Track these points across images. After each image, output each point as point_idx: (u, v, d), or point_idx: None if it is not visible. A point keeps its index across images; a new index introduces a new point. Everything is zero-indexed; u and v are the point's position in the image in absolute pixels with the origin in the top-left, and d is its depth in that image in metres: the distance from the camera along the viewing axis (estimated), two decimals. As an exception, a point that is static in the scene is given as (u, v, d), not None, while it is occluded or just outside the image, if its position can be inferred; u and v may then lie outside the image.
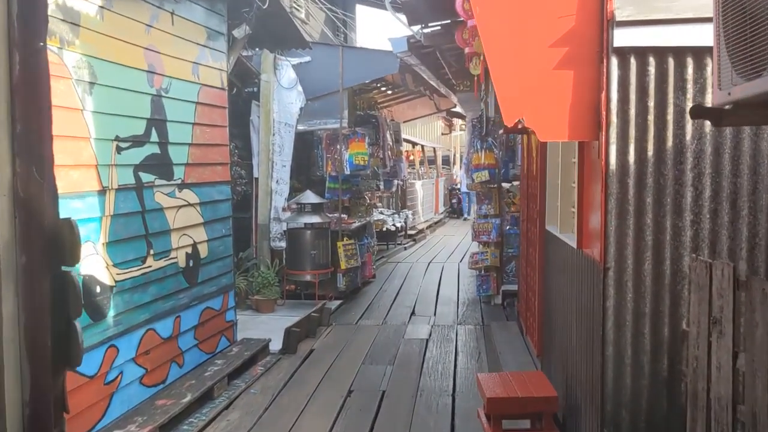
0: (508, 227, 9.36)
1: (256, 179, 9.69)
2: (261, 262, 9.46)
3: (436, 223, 20.88)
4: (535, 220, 6.17)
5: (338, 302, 9.43)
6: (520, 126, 3.85)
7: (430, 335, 7.79)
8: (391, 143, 13.34)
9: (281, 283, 9.27)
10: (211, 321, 6.34)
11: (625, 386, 3.69)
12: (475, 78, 7.77)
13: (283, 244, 9.54)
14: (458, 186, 25.88)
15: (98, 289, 4.66)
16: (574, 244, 4.36)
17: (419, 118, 17.79)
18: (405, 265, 13.34)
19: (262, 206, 9.63)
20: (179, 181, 5.80)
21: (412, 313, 9.01)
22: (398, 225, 14.67)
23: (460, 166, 13.22)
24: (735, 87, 1.99)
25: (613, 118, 3.57)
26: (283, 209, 9.70)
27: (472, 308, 9.19)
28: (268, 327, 7.94)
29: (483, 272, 9.33)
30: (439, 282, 11.35)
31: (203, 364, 6.08)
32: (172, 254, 5.68)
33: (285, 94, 9.68)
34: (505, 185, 9.28)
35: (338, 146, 10.00)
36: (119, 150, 4.96)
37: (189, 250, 5.96)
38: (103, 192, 4.75)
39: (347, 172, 9.98)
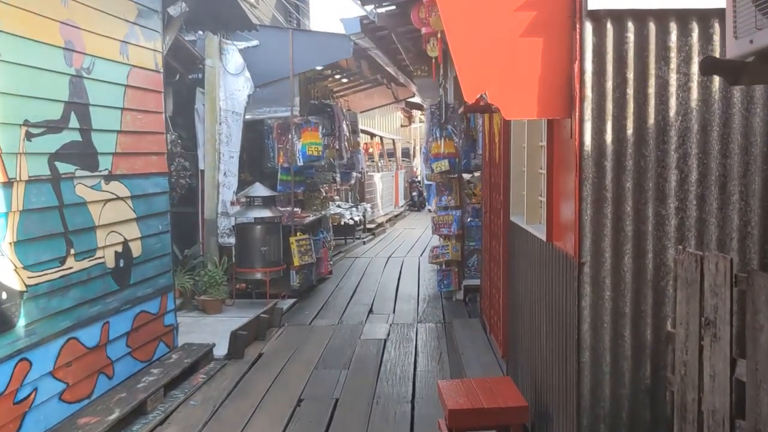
0: (469, 219, 8.94)
1: (202, 171, 9.08)
2: (208, 260, 8.87)
3: (396, 216, 20.44)
4: (498, 211, 5.74)
5: (291, 301, 8.90)
6: (482, 103, 3.40)
7: (388, 335, 7.33)
8: (347, 134, 12.79)
9: (230, 282, 8.71)
10: (146, 326, 5.76)
11: (604, 396, 3.26)
12: (433, 61, 7.33)
13: (232, 240, 8.97)
14: (418, 178, 25.52)
15: (3, 296, 4.06)
16: (543, 237, 3.92)
17: (377, 108, 17.31)
18: (364, 260, 12.85)
19: (209, 200, 9.04)
20: (106, 172, 5.21)
21: (370, 311, 8.53)
22: (356, 219, 14.17)
23: (420, 158, 12.75)
24: (760, 32, 1.54)
25: (588, 92, 3.13)
26: (232, 203, 9.11)
27: (433, 305, 8.75)
28: (214, 330, 7.37)
29: (444, 267, 8.89)
30: (398, 277, 10.89)
31: (137, 375, 5.50)
32: (99, 254, 5.09)
33: (231, 80, 9.08)
34: (466, 176, 8.85)
35: (290, 136, 9.45)
36: (29, 137, 4.35)
37: (119, 248, 5.37)
38: (8, 184, 4.14)
39: (300, 163, 9.43)
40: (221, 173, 9.07)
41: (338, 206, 14.11)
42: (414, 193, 24.24)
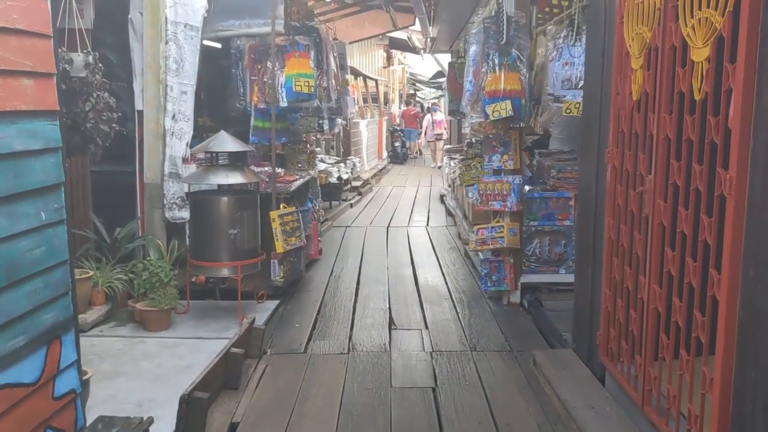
0: (528, 189, 6.24)
1: (140, 113, 6.15)
2: (150, 244, 6.02)
3: (380, 170, 17.66)
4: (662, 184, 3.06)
5: (274, 304, 6.14)
6: None
7: (435, 377, 4.64)
8: (335, 69, 9.83)
9: (183, 275, 5.91)
10: (15, 410, 2.96)
11: None
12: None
13: (185, 214, 6.13)
14: (400, 127, 22.70)
15: None
16: None
17: (370, 38, 14.28)
18: (357, 231, 10.08)
19: (151, 156, 6.14)
20: None
21: (390, 322, 5.82)
22: (345, 176, 11.35)
23: (465, 98, 9.65)
24: None
25: None
26: (185, 161, 6.23)
27: (479, 312, 6.07)
28: (155, 371, 4.62)
29: (492, 255, 6.19)
30: (411, 259, 8.18)
31: None
32: None
33: (183, -23, 6.10)
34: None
35: (269, 64, 6.52)
36: None
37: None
38: None
39: (283, 103, 6.54)
40: (169, 116, 6.15)
41: (322, 161, 11.27)
42: (396, 144, 21.44)
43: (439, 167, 17.52)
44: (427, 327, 5.67)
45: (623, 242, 3.79)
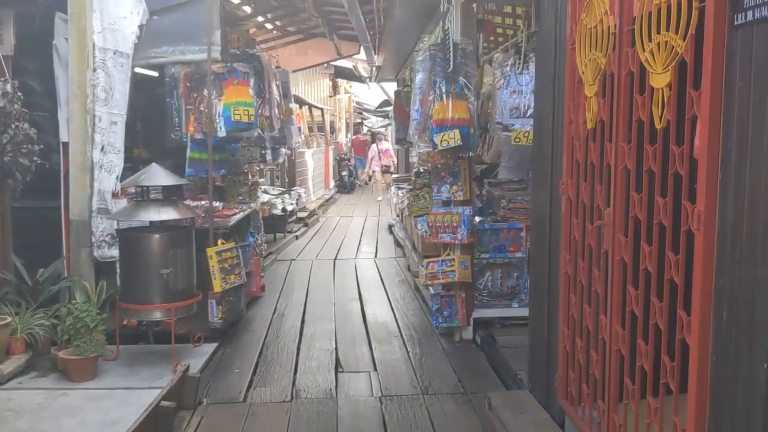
0: (478, 220, 6.03)
1: (66, 144, 5.74)
2: (76, 286, 5.57)
3: (327, 201, 17.34)
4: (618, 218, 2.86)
5: (212, 347, 5.74)
6: None
7: (384, 425, 4.32)
8: (278, 98, 9.54)
9: (112, 318, 5.47)
10: None
11: None
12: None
13: (115, 252, 5.69)
14: (347, 156, 22.50)
15: None
16: None
17: (314, 66, 14.05)
18: (302, 264, 9.73)
19: (78, 190, 5.70)
20: None
21: (337, 364, 5.48)
22: (290, 208, 11.01)
23: (411, 127, 9.41)
24: None
25: None
26: (114, 195, 5.81)
27: (431, 350, 5.79)
28: (76, 429, 4.17)
29: (443, 290, 5.95)
30: (359, 294, 7.87)
31: None
32: None
33: (113, 0, 5.75)
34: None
35: (206, 92, 6.20)
36: None
37: None
38: None
39: (222, 133, 6.21)
40: (97, 148, 5.75)
41: (265, 192, 10.90)
42: (344, 173, 21.20)
43: (380, 200, 17.17)
44: (376, 369, 5.35)
45: (581, 278, 3.58)
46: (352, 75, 20.39)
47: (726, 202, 2.34)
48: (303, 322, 6.70)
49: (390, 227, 12.72)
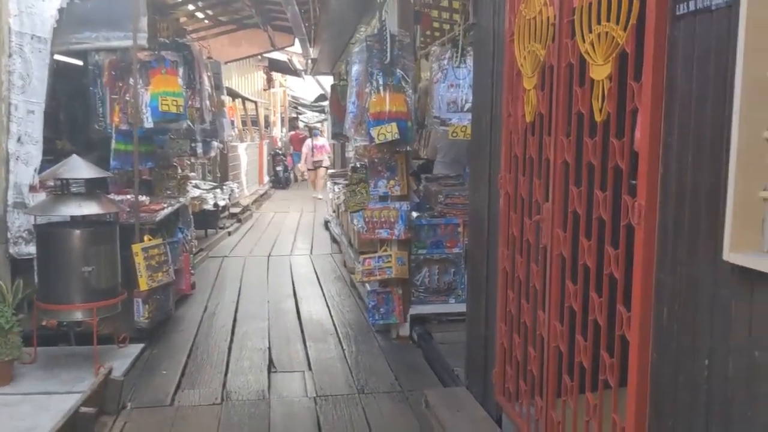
0: (415, 215, 5.96)
1: (-23, 135, 5.37)
2: (-10, 285, 5.22)
3: (261, 196, 17.03)
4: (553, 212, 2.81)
5: (138, 348, 5.49)
6: None
7: (319, 426, 4.18)
8: (209, 89, 9.25)
9: (30, 319, 5.14)
10: None
11: None
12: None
13: (32, 249, 5.37)
14: (282, 150, 22.19)
15: None
16: None
17: (248, 58, 13.71)
18: (235, 261, 9.47)
19: (-9, 183, 5.36)
20: None
21: (270, 363, 5.31)
22: (222, 203, 10.71)
23: (348, 120, 9.10)
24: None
25: None
26: (32, 188, 5.49)
27: (367, 348, 5.68)
28: (-14, 438, 3.90)
29: (380, 286, 5.85)
30: (294, 291, 7.70)
31: None
32: None
33: (29, -19, 5.42)
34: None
35: (131, 81, 5.92)
36: None
37: None
38: None
39: (148, 124, 5.94)
40: (13, 138, 5.41)
41: (196, 186, 10.59)
42: (278, 168, 20.88)
43: (320, 198, 16.39)
44: (310, 368, 5.21)
45: (519, 274, 3.53)
46: (287, 68, 20.08)
47: (668, 196, 2.30)
48: (235, 320, 6.49)
49: (326, 223, 12.56)
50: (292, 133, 23.85)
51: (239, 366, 5.25)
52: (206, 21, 10.71)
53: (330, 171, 14.32)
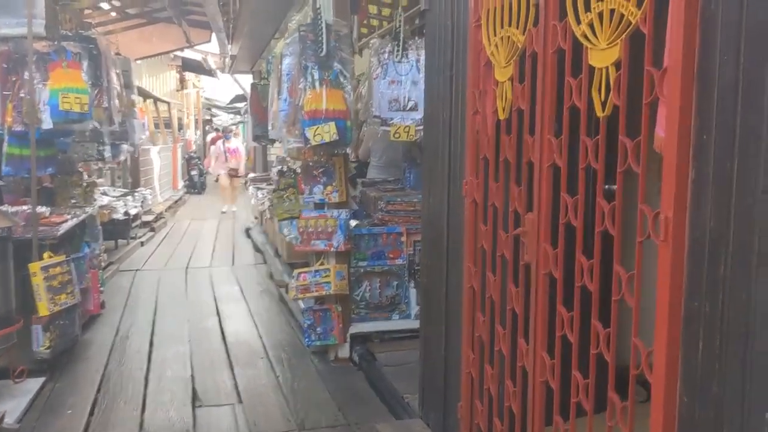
0: (354, 224, 5.44)
1: None
2: None
3: (176, 202, 16.08)
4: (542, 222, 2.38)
5: (38, 382, 4.73)
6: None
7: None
8: (118, 88, 8.42)
9: None
10: None
11: None
12: None
13: None
14: (196, 154, 21.21)
15: None
16: None
17: (160, 54, 12.82)
18: (149, 275, 8.68)
19: None
20: None
21: (194, 397, 4.66)
22: (133, 211, 9.86)
23: (279, 119, 8.24)
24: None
25: None
26: None
27: (303, 372, 5.11)
28: None
29: (317, 304, 5.30)
30: (216, 308, 7.03)
31: None
32: None
33: None
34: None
35: (27, 75, 5.15)
36: None
37: None
38: None
39: (47, 124, 5.19)
40: None
41: (104, 194, 9.72)
42: (193, 172, 19.91)
43: (233, 211, 14.58)
44: (240, 400, 4.60)
45: (492, 294, 3.07)
46: (201, 68, 19.18)
47: (699, 206, 1.88)
48: (152, 344, 5.79)
49: (247, 231, 11.85)
50: (213, 136, 22.80)
51: (158, 400, 4.58)
52: (113, 13, 9.84)
53: (250, 175, 13.52)
